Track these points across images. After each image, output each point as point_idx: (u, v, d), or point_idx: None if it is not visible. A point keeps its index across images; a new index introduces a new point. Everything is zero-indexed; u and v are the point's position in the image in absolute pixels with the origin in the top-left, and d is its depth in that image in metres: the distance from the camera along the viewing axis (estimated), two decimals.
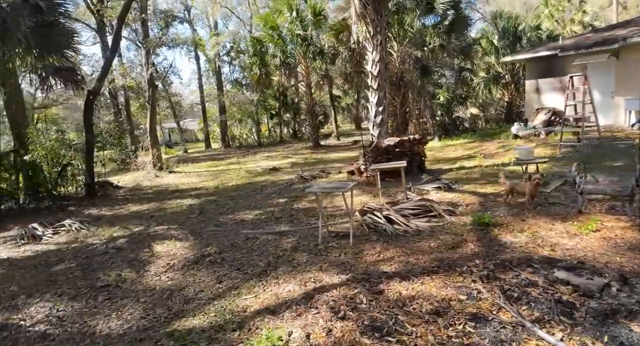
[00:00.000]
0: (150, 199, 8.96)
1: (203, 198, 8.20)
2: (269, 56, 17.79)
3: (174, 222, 6.28)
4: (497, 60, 18.44)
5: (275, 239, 4.73)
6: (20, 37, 7.25)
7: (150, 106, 13.35)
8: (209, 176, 12.06)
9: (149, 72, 12.96)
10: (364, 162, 7.79)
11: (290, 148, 20.57)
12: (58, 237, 6.33)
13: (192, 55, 30.01)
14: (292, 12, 17.40)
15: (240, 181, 10.26)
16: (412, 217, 4.82)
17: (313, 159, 14.10)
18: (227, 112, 26.64)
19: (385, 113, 8.16)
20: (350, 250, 4.02)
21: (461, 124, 18.57)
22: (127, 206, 8.42)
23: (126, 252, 4.91)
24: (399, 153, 7.74)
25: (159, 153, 13.48)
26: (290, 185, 8.55)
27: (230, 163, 15.66)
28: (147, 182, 12.10)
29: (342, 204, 6.05)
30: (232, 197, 7.90)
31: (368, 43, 8.02)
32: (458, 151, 11.19)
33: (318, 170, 10.43)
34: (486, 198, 5.65)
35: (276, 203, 6.79)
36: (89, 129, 10.08)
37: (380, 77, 7.97)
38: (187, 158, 19.97)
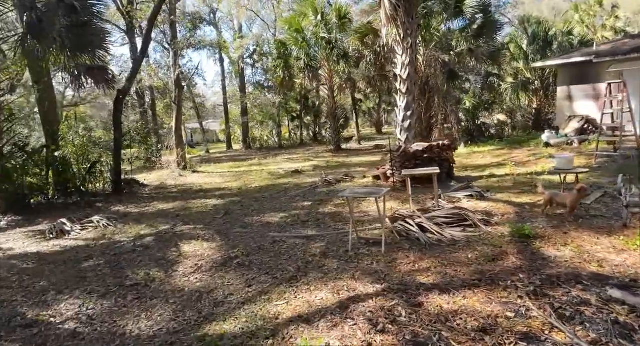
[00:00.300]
0: (175, 198, 9.02)
1: (227, 199, 8.19)
2: (292, 59, 17.81)
3: (199, 222, 6.27)
4: (525, 66, 17.95)
5: (303, 243, 4.62)
6: (55, 36, 7.41)
7: (176, 106, 13.53)
8: (232, 177, 12.09)
9: (176, 73, 13.14)
10: (390, 166, 7.62)
11: (310, 151, 20.54)
12: (86, 232, 6.41)
13: (216, 57, 30.57)
14: (317, 15, 17.40)
15: (263, 183, 10.23)
16: (445, 225, 4.63)
17: (335, 163, 13.98)
18: (248, 114, 26.88)
19: (413, 117, 7.97)
20: (383, 258, 3.87)
21: (487, 131, 18.13)
22: (152, 204, 8.49)
23: (154, 251, 4.90)
24: (427, 159, 7.53)
25: (183, 153, 13.64)
26: (314, 188, 8.45)
27: (251, 164, 15.71)
28: (172, 180, 12.24)
29: (370, 209, 5.93)
30: (257, 199, 7.85)
31: (398, 46, 7.86)
32: (486, 158, 10.87)
33: (341, 173, 10.30)
34: (522, 208, 5.40)
35: (301, 207, 6.70)
36: (117, 128, 10.26)
37: (409, 80, 7.80)
38: (209, 159, 20.18)
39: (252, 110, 27.63)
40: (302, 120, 27.75)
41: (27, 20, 7.20)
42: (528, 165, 9.08)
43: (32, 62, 8.88)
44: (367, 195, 4.13)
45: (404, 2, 7.53)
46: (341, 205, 6.45)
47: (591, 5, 31.82)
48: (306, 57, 17.11)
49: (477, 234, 4.38)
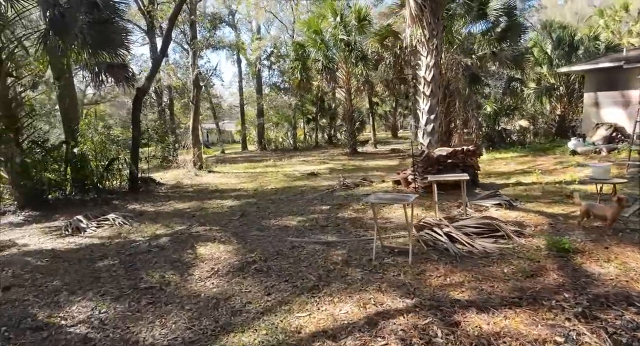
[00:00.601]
0: (191, 198, 8.92)
1: (243, 200, 8.04)
2: (310, 60, 17.67)
3: (215, 223, 6.12)
4: (549, 71, 17.44)
5: (323, 250, 4.41)
6: (76, 33, 7.40)
7: (194, 106, 13.51)
8: (247, 178, 11.98)
9: (194, 73, 13.13)
10: (412, 171, 7.36)
11: (326, 153, 20.35)
12: (102, 230, 6.33)
13: (234, 58, 30.73)
14: (336, 16, 17.25)
15: (279, 184, 10.07)
16: (475, 236, 4.36)
17: (351, 166, 13.75)
18: (264, 115, 26.88)
19: (436, 121, 7.70)
20: (410, 269, 3.63)
21: (508, 137, 17.64)
22: (168, 203, 8.40)
23: (169, 252, 4.76)
24: (451, 164, 7.25)
25: (199, 153, 13.61)
26: (332, 191, 8.24)
27: (267, 165, 15.60)
28: (188, 180, 12.19)
29: (393, 216, 5.69)
30: (273, 201, 7.68)
31: (422, 47, 7.62)
32: (510, 165, 10.49)
33: (358, 177, 10.07)
34: (555, 220, 5.08)
35: (319, 210, 6.49)
36: (136, 126, 10.25)
37: (433, 83, 7.54)
38: (224, 159, 20.18)
39: (267, 112, 27.61)
40: (318, 123, 27.60)
41: (50, 16, 7.20)
42: (555, 174, 8.69)
43: (54, 58, 8.93)
44: (394, 201, 3.89)
45: (430, 2, 7.28)
46: (361, 211, 6.22)
47: (617, 10, 30.92)
48: (324, 59, 16.95)
49: (511, 246, 4.10)
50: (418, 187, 7.24)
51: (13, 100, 8.20)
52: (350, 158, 16.95)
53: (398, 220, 5.47)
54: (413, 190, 7.39)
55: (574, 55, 16.66)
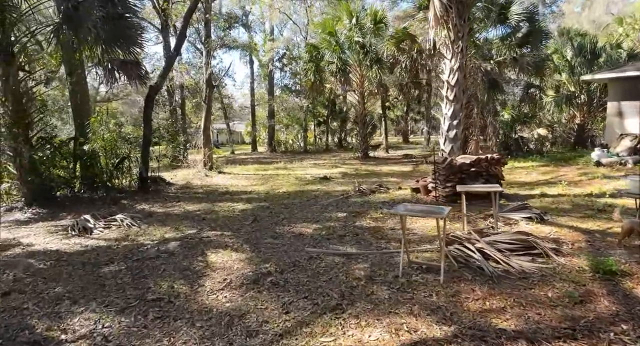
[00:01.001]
0: (201, 199, 8.67)
1: (255, 204, 7.77)
2: (324, 62, 17.42)
3: (227, 228, 5.84)
4: (569, 78, 16.97)
5: (343, 262, 4.10)
6: (90, 27, 7.22)
7: (206, 106, 13.33)
8: (258, 180, 11.72)
9: (207, 72, 12.95)
10: (433, 179, 7.02)
11: (336, 157, 20.06)
12: (109, 231, 6.10)
13: (246, 59, 30.64)
14: (351, 19, 17.00)
15: (290, 188, 9.79)
16: (509, 253, 4.02)
17: (364, 171, 13.43)
18: (275, 117, 26.69)
19: (460, 127, 7.36)
20: (442, 289, 3.30)
21: (525, 145, 17.17)
22: (178, 204, 8.16)
23: (178, 258, 4.48)
24: (474, 173, 6.91)
25: (210, 153, 13.41)
26: (347, 197, 7.93)
27: (277, 168, 15.35)
28: (198, 180, 11.98)
29: (415, 227, 5.36)
30: (286, 206, 7.39)
31: (447, 50, 7.29)
32: (531, 175, 10.08)
33: (372, 182, 9.76)
34: (592, 237, 4.71)
35: (336, 218, 6.18)
36: (147, 124, 10.07)
37: (457, 87, 7.21)
38: (234, 160, 19.99)
39: (278, 113, 27.43)
40: (329, 126, 27.34)
41: (64, 10, 7.03)
42: (581, 186, 8.28)
43: (67, 53, 8.78)
44: (427, 214, 3.56)
45: (456, 3, 6.97)
46: (381, 219, 5.90)
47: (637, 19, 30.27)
48: (338, 61, 16.68)
49: (551, 266, 3.75)
50: (439, 196, 6.90)
51: (24, 94, 8.05)
52: (362, 162, 16.62)
53: (421, 232, 5.14)
54: (433, 199, 7.05)
55: (595, 63, 16.18)
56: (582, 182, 8.66)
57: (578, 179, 9.08)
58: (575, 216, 5.73)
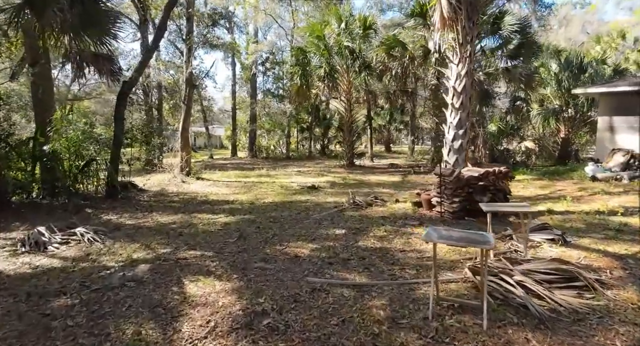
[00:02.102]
0: (177, 209, 7.77)
1: (239, 216, 6.94)
2: (312, 67, 16.79)
3: (208, 247, 5.01)
4: (555, 92, 16.99)
5: (354, 297, 3.37)
6: (55, 10, 6.29)
7: (185, 106, 12.39)
8: (241, 188, 10.87)
9: (188, 71, 12.05)
10: (438, 193, 6.41)
11: (321, 164, 19.39)
12: (66, 248, 5.16)
13: (228, 60, 29.69)
14: (340, 23, 16.48)
15: (277, 198, 9.00)
16: (547, 285, 3.41)
17: (352, 180, 12.78)
18: (257, 122, 25.83)
19: (465, 137, 6.83)
20: (489, 339, 2.63)
21: (512, 157, 17.03)
22: (151, 215, 7.24)
23: (148, 289, 3.64)
24: (481, 187, 6.36)
25: (188, 157, 12.43)
26: (341, 211, 7.22)
27: (260, 174, 14.51)
28: (173, 187, 11.01)
29: (426, 248, 4.69)
30: (275, 219, 6.61)
31: (454, 54, 6.77)
32: (529, 189, 9.69)
33: (364, 194, 9.13)
34: (626, 263, 4.18)
35: (334, 236, 5.45)
36: (118, 122, 9.09)
37: (464, 94, 6.68)
38: (213, 165, 18.98)
39: (260, 118, 26.57)
40: (312, 132, 26.68)
41: None
42: (585, 202, 7.90)
43: (30, 39, 7.74)
44: (469, 243, 2.88)
45: (466, 4, 6.46)
46: (386, 239, 5.21)
47: (614, 38, 31.31)
48: (327, 65, 16.08)
49: (602, 303, 3.15)
50: (444, 212, 6.30)
51: None
52: (348, 171, 16.01)
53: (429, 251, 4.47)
54: (437, 215, 6.44)
55: (581, 78, 16.27)
56: (585, 198, 8.29)
57: (578, 194, 8.73)
58: (597, 237, 5.23)
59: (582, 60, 16.33)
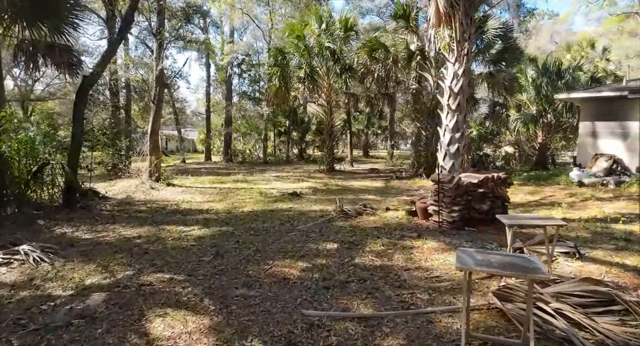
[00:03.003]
0: (143, 220, 6.92)
1: (214, 228, 6.19)
2: (291, 67, 16.16)
3: (178, 268, 4.26)
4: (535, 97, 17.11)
5: (362, 334, 2.74)
6: None
7: (155, 106, 11.45)
8: (216, 195, 10.06)
9: (158, 68, 11.15)
10: (436, 201, 5.90)
11: (299, 169, 18.73)
12: (6, 270, 4.29)
13: (202, 61, 28.64)
14: (321, 24, 15.94)
15: (256, 206, 8.28)
16: (581, 308, 2.91)
17: (334, 186, 12.19)
18: (232, 125, 24.90)
19: (462, 141, 6.38)
20: None
21: (491, 163, 16.97)
22: (112, 227, 6.37)
23: (101, 329, 2.88)
24: (480, 194, 5.91)
25: (158, 162, 11.48)
26: (329, 220, 6.59)
27: (236, 180, 13.69)
28: (141, 194, 10.06)
29: (433, 265, 4.13)
30: (256, 231, 5.90)
31: (450, 53, 6.33)
32: (518, 195, 9.37)
33: (350, 201, 8.57)
34: None
35: (325, 251, 4.80)
36: (78, 123, 8.13)
37: (461, 95, 6.24)
38: (185, 170, 17.96)
39: (235, 121, 25.65)
40: (290, 136, 25.98)
41: None
42: (579, 208, 7.62)
43: None
44: (515, 271, 2.29)
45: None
46: (385, 254, 4.61)
47: (583, 47, 32.45)
48: (307, 67, 15.49)
49: None
50: (442, 222, 5.79)
51: None
52: (329, 176, 15.42)
53: (444, 272, 3.93)
54: (434, 225, 5.92)
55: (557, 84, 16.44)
56: (577, 204, 8.04)
57: (570, 201, 8.48)
58: (608, 248, 4.84)
59: (560, 66, 16.51)
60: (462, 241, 5.12)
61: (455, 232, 5.55)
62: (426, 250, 4.70)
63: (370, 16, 31.87)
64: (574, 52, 31.13)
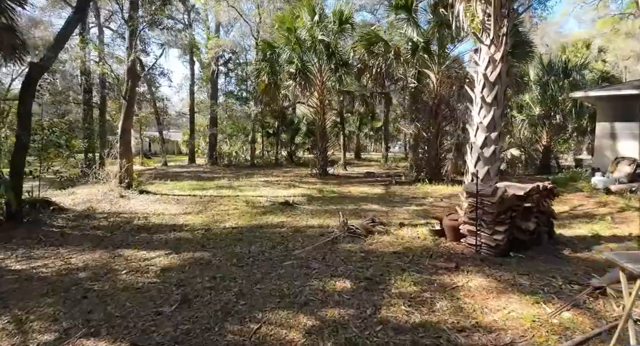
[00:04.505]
0: (99, 240, 5.49)
1: (186, 254, 4.80)
2: (282, 61, 14.81)
3: (122, 328, 2.88)
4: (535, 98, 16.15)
5: None
6: None
7: (126, 103, 9.97)
8: (195, 204, 8.65)
9: (130, 59, 9.70)
10: (471, 219, 4.63)
11: (290, 173, 17.36)
12: None
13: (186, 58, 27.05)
14: (313, 16, 14.63)
15: (241, 220, 6.91)
16: None
17: (330, 193, 10.88)
18: (218, 125, 23.39)
19: (499, 143, 5.14)
20: None
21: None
22: (56, 252, 4.96)
23: None
24: (525, 210, 4.67)
25: (129, 165, 9.99)
26: (333, 241, 5.26)
27: (220, 185, 12.27)
28: (107, 204, 8.59)
29: (494, 321, 2.84)
30: (239, 259, 4.53)
31: (484, 33, 5.10)
32: None
33: (351, 212, 7.32)
34: None
35: (336, 295, 3.46)
36: (23, 121, 6.64)
37: (499, 85, 5.00)
38: (166, 173, 16.41)
39: (221, 122, 24.15)
40: (279, 138, 24.60)
41: None
42: (622, 221, 6.48)
43: None
44: None
45: None
46: (422, 302, 3.27)
47: (578, 47, 31.94)
48: (299, 61, 14.17)
49: None
50: (481, 245, 4.52)
51: None
52: (322, 181, 14.10)
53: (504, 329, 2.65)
54: (471, 249, 4.65)
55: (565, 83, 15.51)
56: (617, 216, 6.89)
57: (604, 211, 7.36)
58: None
59: (567, 64, 15.57)
60: (515, 273, 3.86)
61: (499, 259, 4.30)
62: (475, 291, 3.43)
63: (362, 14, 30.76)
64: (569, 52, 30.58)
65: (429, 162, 13.84)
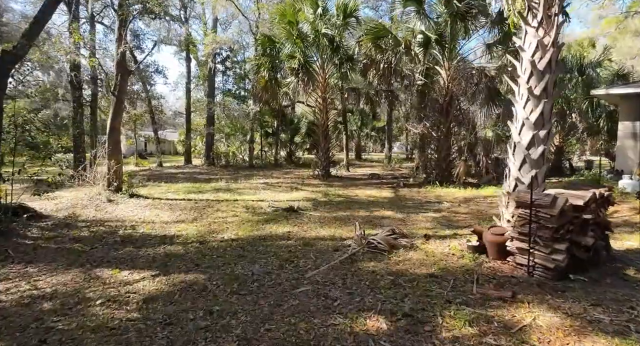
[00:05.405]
0: (76, 256, 4.68)
1: (176, 276, 3.99)
2: (283, 56, 14.01)
3: None
4: None
5: None
6: None
7: (115, 99, 9.15)
8: (189, 210, 7.83)
9: (119, 51, 8.88)
10: (522, 234, 3.85)
11: (290, 174, 16.57)
12: None
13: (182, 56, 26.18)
14: (316, 9, 13.84)
15: (241, 230, 6.11)
16: None
17: (336, 196, 10.09)
18: (215, 125, 22.55)
19: (548, 142, 4.37)
20: None
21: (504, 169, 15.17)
22: (23, 271, 4.16)
23: None
24: (582, 222, 3.90)
25: (118, 167, 9.16)
26: (351, 258, 4.47)
27: (217, 188, 11.45)
28: (92, 209, 7.76)
29: None
30: (240, 284, 3.72)
31: (530, 14, 4.33)
32: None
33: (365, 219, 6.53)
34: None
35: (371, 341, 2.65)
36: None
37: (549, 74, 4.23)
38: (160, 175, 15.57)
39: (219, 121, 23.32)
40: (279, 137, 23.78)
41: None
42: None
43: None
44: None
45: None
46: None
47: (584, 46, 31.29)
48: (301, 55, 13.37)
49: None
50: (534, 266, 3.74)
51: None
52: (326, 183, 13.32)
53: None
54: (521, 270, 3.87)
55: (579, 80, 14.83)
56: None
57: None
58: None
59: (582, 61, 14.87)
60: (585, 304, 3.09)
61: (559, 284, 3.52)
62: (547, 332, 2.65)
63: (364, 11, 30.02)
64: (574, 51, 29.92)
65: (438, 163, 13.09)
